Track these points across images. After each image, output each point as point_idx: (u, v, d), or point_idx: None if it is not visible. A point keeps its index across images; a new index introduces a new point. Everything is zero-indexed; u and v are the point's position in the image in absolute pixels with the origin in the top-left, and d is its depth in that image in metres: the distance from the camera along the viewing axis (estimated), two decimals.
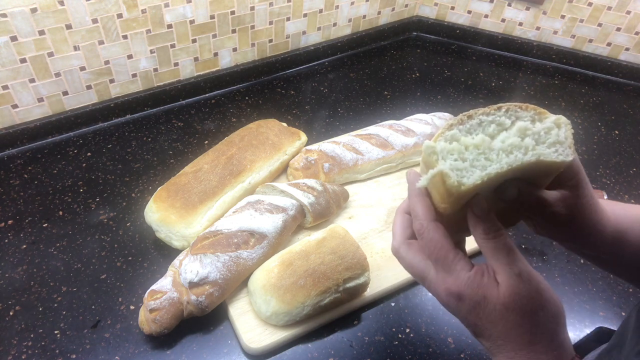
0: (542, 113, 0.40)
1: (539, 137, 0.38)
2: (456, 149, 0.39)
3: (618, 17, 1.18)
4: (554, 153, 0.38)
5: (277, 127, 0.92)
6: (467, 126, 0.40)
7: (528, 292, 0.39)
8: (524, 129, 0.39)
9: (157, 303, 0.64)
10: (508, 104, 0.40)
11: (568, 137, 0.38)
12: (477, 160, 0.38)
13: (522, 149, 0.38)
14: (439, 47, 1.36)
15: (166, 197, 0.77)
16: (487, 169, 0.37)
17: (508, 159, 0.37)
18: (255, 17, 1.08)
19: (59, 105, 0.96)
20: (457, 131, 0.40)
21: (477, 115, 0.40)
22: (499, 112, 0.40)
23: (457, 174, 0.38)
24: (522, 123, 0.39)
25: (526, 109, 0.40)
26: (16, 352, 0.65)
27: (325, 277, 0.67)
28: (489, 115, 0.40)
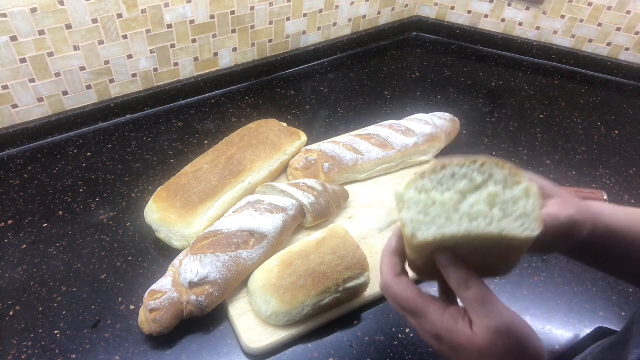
0: (516, 175, 0.39)
1: (507, 208, 0.38)
2: (423, 202, 0.39)
3: (618, 17, 1.18)
4: (520, 227, 0.37)
5: (277, 127, 0.92)
6: (439, 176, 0.39)
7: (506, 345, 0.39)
8: (494, 195, 0.38)
9: (157, 303, 0.64)
10: (484, 159, 0.39)
11: (536, 210, 0.37)
12: (439, 217, 0.38)
13: (488, 219, 0.37)
14: (439, 47, 1.36)
15: (166, 197, 0.77)
16: (444, 229, 0.37)
17: (469, 225, 0.37)
18: (255, 17, 1.08)
19: (59, 105, 0.96)
20: (428, 181, 0.39)
21: (451, 166, 0.39)
22: (474, 166, 0.39)
23: (414, 226, 0.38)
24: (493, 189, 0.38)
25: (502, 168, 0.39)
26: (16, 352, 0.65)
27: (325, 277, 0.67)
28: (463, 168, 0.39)
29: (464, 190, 0.39)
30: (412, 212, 0.38)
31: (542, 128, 1.09)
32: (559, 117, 1.13)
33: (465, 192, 0.39)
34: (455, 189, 0.39)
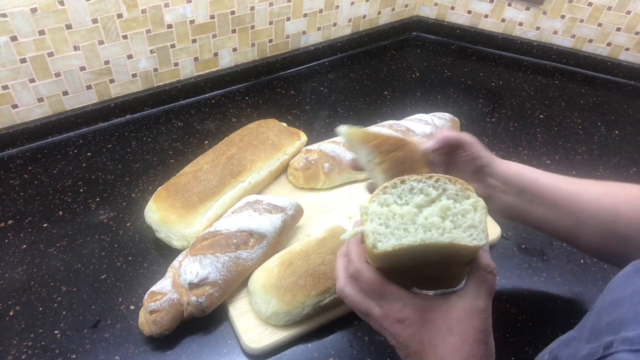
0: (467, 189, 0.43)
1: (457, 219, 0.42)
2: (384, 214, 0.42)
3: (618, 17, 1.18)
4: (468, 237, 0.41)
5: (277, 127, 0.92)
6: (399, 190, 0.44)
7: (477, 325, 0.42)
8: (446, 208, 0.42)
9: (157, 304, 0.64)
10: (439, 175, 0.43)
11: (482, 222, 0.42)
12: (398, 229, 0.42)
13: (440, 229, 0.41)
14: (439, 47, 1.36)
15: (166, 197, 0.77)
16: (402, 240, 0.41)
17: (424, 235, 0.41)
18: (255, 17, 1.08)
19: (59, 105, 0.96)
20: (389, 196, 0.43)
21: (409, 181, 0.44)
22: (430, 181, 0.43)
23: (375, 237, 0.41)
24: (445, 202, 0.42)
25: (454, 183, 0.43)
26: (16, 352, 0.65)
27: (325, 277, 0.67)
28: (420, 183, 0.43)
29: (420, 204, 0.43)
30: (374, 223, 0.42)
31: (542, 128, 1.09)
32: (559, 117, 1.13)
33: (421, 205, 0.43)
34: (412, 202, 0.43)
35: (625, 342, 0.36)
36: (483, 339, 0.42)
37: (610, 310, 0.41)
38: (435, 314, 0.43)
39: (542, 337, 0.69)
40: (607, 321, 0.41)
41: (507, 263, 0.80)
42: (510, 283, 0.77)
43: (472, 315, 0.42)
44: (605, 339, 0.39)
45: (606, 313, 0.41)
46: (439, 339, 0.42)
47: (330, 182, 0.88)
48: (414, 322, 0.43)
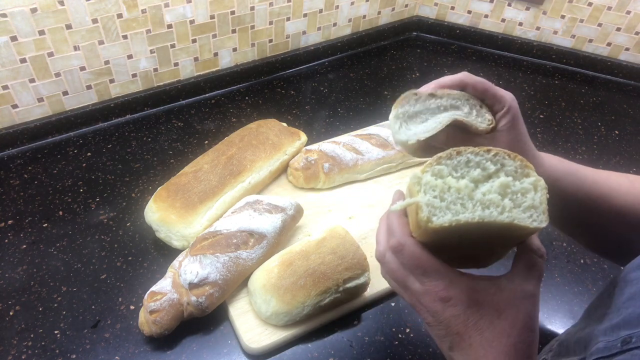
0: (526, 166, 0.41)
1: (517, 198, 0.39)
2: (439, 187, 0.40)
3: (618, 17, 1.18)
4: (528, 218, 0.39)
5: (277, 127, 0.92)
6: (454, 162, 0.41)
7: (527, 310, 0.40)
8: (505, 186, 0.40)
9: (157, 304, 0.64)
10: (497, 149, 0.41)
11: (543, 203, 0.39)
12: (454, 203, 0.39)
13: (500, 208, 0.39)
14: (439, 47, 1.36)
15: (166, 197, 0.77)
16: (459, 215, 0.39)
17: (482, 212, 0.39)
18: (255, 17, 1.08)
19: (59, 105, 0.96)
20: (444, 167, 0.41)
21: (465, 153, 0.41)
22: (488, 154, 0.41)
23: (430, 210, 0.39)
24: (504, 179, 0.40)
25: (514, 159, 0.41)
26: (16, 352, 0.65)
27: (325, 277, 0.67)
28: (477, 156, 0.41)
29: (477, 178, 0.40)
30: (429, 196, 0.39)
31: (542, 128, 1.09)
32: (559, 117, 1.13)
33: (478, 180, 0.40)
34: (469, 176, 0.40)
35: None
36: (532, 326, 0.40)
37: (628, 304, 0.41)
38: (483, 296, 0.40)
39: (542, 337, 0.69)
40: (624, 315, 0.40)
41: (507, 263, 0.80)
42: None
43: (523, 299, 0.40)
44: (622, 332, 0.39)
45: (624, 307, 0.41)
46: (485, 322, 0.40)
47: (330, 182, 0.88)
48: (460, 302, 0.40)
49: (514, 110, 0.47)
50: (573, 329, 0.53)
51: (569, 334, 0.53)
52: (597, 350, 0.41)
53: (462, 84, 0.48)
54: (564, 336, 0.55)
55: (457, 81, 0.48)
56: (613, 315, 0.42)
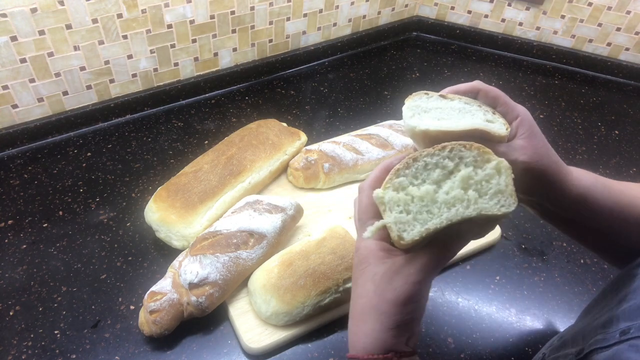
0: (485, 152, 0.40)
1: (481, 187, 0.39)
2: (402, 200, 0.40)
3: (618, 17, 1.18)
4: (496, 205, 0.38)
5: (277, 127, 0.92)
6: (412, 170, 0.41)
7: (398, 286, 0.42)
8: (467, 178, 0.39)
9: (157, 304, 0.64)
10: (452, 143, 0.40)
11: (509, 185, 0.39)
12: (420, 213, 0.39)
13: (465, 202, 0.39)
14: (439, 47, 1.36)
15: (166, 197, 0.77)
16: (427, 224, 0.39)
17: (449, 213, 0.39)
18: (255, 17, 1.08)
19: (59, 105, 0.96)
20: (404, 178, 0.41)
21: (421, 158, 0.41)
22: (443, 152, 0.40)
23: (399, 227, 0.39)
24: (464, 172, 0.39)
25: (470, 149, 0.40)
26: (16, 352, 0.65)
27: (325, 277, 0.67)
28: (433, 157, 0.40)
29: (438, 179, 0.40)
30: (394, 213, 0.40)
31: (542, 128, 1.07)
32: (559, 117, 1.13)
33: (439, 180, 0.40)
34: (430, 179, 0.40)
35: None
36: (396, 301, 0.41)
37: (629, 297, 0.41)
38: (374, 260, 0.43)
39: (542, 337, 0.69)
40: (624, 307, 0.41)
41: (507, 263, 0.80)
42: (510, 283, 0.77)
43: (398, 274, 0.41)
44: (621, 324, 0.39)
45: (625, 300, 0.42)
46: (362, 280, 0.44)
47: (330, 182, 0.88)
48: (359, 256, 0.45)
49: (529, 119, 0.47)
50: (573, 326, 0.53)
51: (569, 330, 0.53)
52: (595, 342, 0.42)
53: (474, 90, 0.48)
54: (564, 332, 0.55)
55: (470, 88, 0.48)
56: (613, 308, 0.43)
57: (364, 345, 0.42)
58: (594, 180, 0.51)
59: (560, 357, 0.50)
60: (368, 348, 0.42)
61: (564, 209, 0.50)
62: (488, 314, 0.72)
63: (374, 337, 0.42)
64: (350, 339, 0.45)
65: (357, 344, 0.43)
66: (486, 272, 0.78)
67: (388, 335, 0.42)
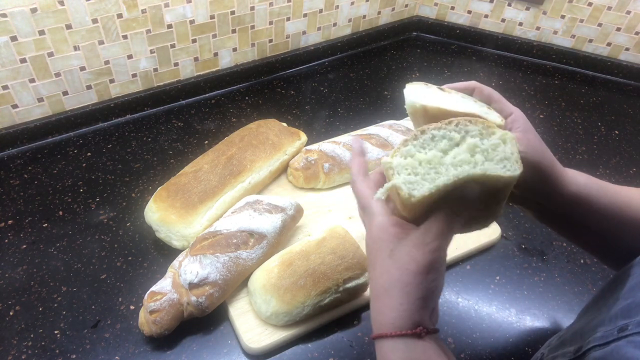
0: (490, 126, 0.42)
1: (488, 153, 0.41)
2: (410, 164, 0.42)
3: (618, 17, 1.18)
4: (502, 169, 0.40)
5: (277, 127, 0.92)
6: (420, 141, 0.43)
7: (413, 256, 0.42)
8: (473, 146, 0.41)
9: (157, 304, 0.64)
10: (459, 118, 0.42)
11: (514, 152, 0.41)
12: (428, 173, 0.41)
13: (472, 163, 0.40)
14: (439, 47, 1.36)
15: (166, 197, 0.77)
16: (436, 181, 0.40)
17: (456, 171, 0.40)
18: (255, 17, 1.08)
19: (59, 105, 0.96)
20: (411, 147, 0.42)
21: (429, 130, 0.42)
22: (450, 126, 0.42)
23: (408, 187, 0.41)
24: (471, 140, 0.41)
25: (475, 123, 0.42)
26: (16, 352, 0.65)
27: (325, 277, 0.67)
28: (440, 130, 0.42)
29: (445, 148, 0.42)
30: (403, 175, 0.41)
31: (542, 128, 1.09)
32: (559, 117, 1.13)
33: (446, 150, 0.42)
34: (437, 148, 0.42)
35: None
36: (418, 271, 0.42)
37: (628, 295, 0.41)
38: (388, 236, 0.44)
39: (542, 337, 0.69)
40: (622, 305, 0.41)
41: (507, 263, 0.80)
42: (510, 283, 0.77)
43: (416, 246, 0.42)
44: (619, 322, 0.40)
45: (623, 297, 0.42)
46: (380, 258, 0.44)
47: (330, 182, 0.88)
48: (372, 237, 0.46)
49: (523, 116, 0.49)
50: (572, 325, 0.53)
51: (568, 329, 0.53)
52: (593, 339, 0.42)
53: (470, 88, 0.51)
54: (563, 332, 0.55)
55: (466, 85, 0.51)
56: (612, 306, 0.43)
57: (392, 321, 0.43)
58: (589, 180, 0.52)
59: (559, 356, 0.50)
60: (397, 324, 0.42)
61: (560, 208, 0.51)
62: (488, 314, 0.72)
63: (402, 309, 0.42)
64: (374, 318, 0.45)
65: (383, 321, 0.43)
66: (486, 272, 0.78)
67: (415, 307, 0.42)
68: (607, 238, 0.54)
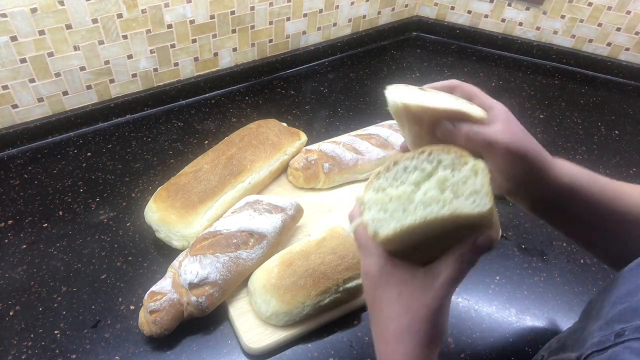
0: (462, 155, 0.41)
1: (457, 188, 0.40)
2: (380, 200, 0.41)
3: (618, 17, 1.18)
4: (471, 205, 0.39)
5: (277, 127, 0.92)
6: (393, 172, 0.42)
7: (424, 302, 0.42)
8: (443, 180, 0.40)
9: (157, 304, 0.64)
10: (431, 147, 0.41)
11: (484, 185, 0.39)
12: (397, 211, 0.40)
13: (440, 202, 0.39)
14: (439, 47, 1.36)
15: (166, 197, 0.77)
16: (402, 221, 0.40)
17: (424, 211, 0.39)
18: (255, 17, 1.08)
19: (59, 105, 0.96)
20: (383, 180, 0.42)
21: (402, 161, 0.42)
22: (422, 156, 0.42)
23: (375, 225, 0.41)
24: (441, 173, 0.40)
25: (448, 152, 0.41)
26: (16, 352, 0.65)
27: (325, 277, 0.67)
28: (413, 160, 0.42)
29: (417, 180, 0.41)
30: (372, 212, 0.41)
31: (542, 128, 1.09)
32: (559, 117, 1.13)
33: (418, 182, 0.41)
34: (408, 181, 0.41)
35: (637, 330, 0.37)
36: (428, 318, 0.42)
37: (625, 300, 0.41)
38: (392, 278, 0.44)
39: (542, 337, 0.69)
40: (619, 309, 0.41)
41: (507, 263, 0.80)
42: (510, 283, 0.77)
43: (425, 290, 0.42)
44: (616, 327, 0.40)
45: (620, 302, 0.42)
46: (386, 302, 0.43)
47: (330, 182, 0.88)
48: (373, 278, 0.45)
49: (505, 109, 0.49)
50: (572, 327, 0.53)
51: (568, 332, 0.53)
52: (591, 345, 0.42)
53: (451, 87, 0.51)
54: (563, 334, 0.55)
55: (447, 84, 0.51)
56: (609, 311, 0.43)
57: None
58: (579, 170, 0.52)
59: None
60: None
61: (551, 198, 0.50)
62: (488, 314, 0.72)
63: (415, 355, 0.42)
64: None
65: None
66: (486, 272, 0.78)
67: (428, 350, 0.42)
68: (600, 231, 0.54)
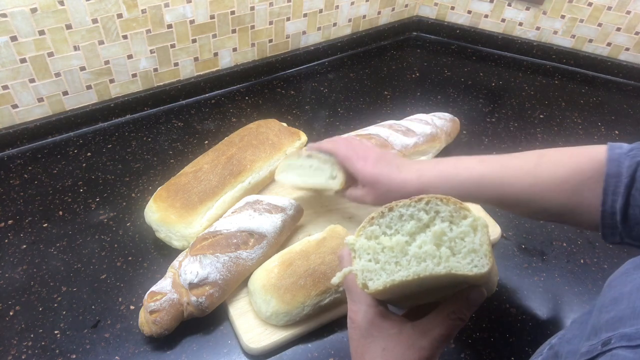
0: (462, 208, 0.38)
1: (455, 245, 0.37)
2: (372, 248, 0.39)
3: (618, 17, 1.18)
4: (468, 265, 0.36)
5: (277, 127, 0.92)
6: (387, 219, 0.40)
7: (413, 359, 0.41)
8: (440, 234, 0.38)
9: (157, 304, 0.64)
10: (429, 196, 0.39)
11: (483, 244, 0.37)
12: (388, 263, 0.38)
13: (436, 259, 0.37)
14: (439, 47, 1.36)
15: (166, 197, 0.77)
16: (394, 275, 0.37)
17: (418, 267, 0.37)
18: (255, 17, 1.08)
19: (59, 105, 0.96)
20: (377, 227, 0.40)
21: (397, 208, 0.40)
22: (419, 204, 0.39)
23: (365, 275, 0.38)
24: (439, 227, 0.38)
25: (447, 203, 0.39)
26: (16, 352, 0.65)
27: (325, 277, 0.67)
28: (409, 208, 0.39)
29: (412, 231, 0.39)
30: (363, 260, 0.39)
31: (542, 128, 1.09)
32: (559, 117, 1.13)
33: (413, 232, 0.39)
34: (403, 230, 0.39)
35: (622, 338, 0.36)
36: None
37: (610, 308, 0.41)
38: (379, 331, 0.42)
39: (542, 337, 0.69)
40: (606, 318, 0.41)
41: (507, 263, 0.80)
42: (510, 283, 0.77)
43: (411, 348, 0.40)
44: (603, 335, 0.40)
45: (606, 310, 0.42)
46: (369, 355, 0.42)
47: None
48: (359, 328, 0.43)
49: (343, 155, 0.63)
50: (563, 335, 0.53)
51: (560, 339, 0.53)
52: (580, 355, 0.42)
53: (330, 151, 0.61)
54: (554, 340, 0.55)
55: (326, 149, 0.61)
56: (596, 320, 0.43)
57: None
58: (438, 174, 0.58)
59: None
60: None
61: None
62: (488, 314, 0.72)
63: None
64: None
65: None
66: None
67: None
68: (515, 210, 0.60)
